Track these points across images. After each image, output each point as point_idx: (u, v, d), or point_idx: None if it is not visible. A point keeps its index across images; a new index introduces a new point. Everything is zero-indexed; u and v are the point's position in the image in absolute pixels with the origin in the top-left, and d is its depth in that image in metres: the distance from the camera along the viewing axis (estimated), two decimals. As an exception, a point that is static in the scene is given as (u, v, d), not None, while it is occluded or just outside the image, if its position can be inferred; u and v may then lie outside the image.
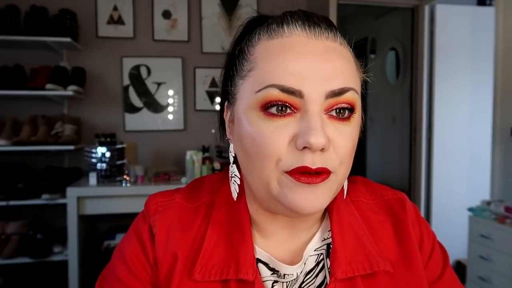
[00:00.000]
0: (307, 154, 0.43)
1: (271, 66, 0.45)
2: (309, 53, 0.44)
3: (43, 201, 2.42)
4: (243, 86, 0.48)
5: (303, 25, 0.46)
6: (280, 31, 0.46)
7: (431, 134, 3.11)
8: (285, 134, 0.44)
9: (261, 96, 0.44)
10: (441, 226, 3.06)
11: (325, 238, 0.54)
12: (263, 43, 0.47)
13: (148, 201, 0.57)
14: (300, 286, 0.51)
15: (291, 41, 0.45)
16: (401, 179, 3.54)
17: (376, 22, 4.07)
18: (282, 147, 0.44)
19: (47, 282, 2.53)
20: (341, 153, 0.45)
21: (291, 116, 0.44)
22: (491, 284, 2.00)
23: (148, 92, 2.97)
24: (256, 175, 0.46)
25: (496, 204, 2.12)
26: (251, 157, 0.46)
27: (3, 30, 2.46)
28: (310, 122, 0.42)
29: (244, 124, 0.46)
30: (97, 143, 2.50)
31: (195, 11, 3.01)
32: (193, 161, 2.56)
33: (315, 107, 0.44)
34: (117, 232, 2.62)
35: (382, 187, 0.60)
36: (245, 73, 0.47)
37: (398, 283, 0.51)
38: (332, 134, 0.44)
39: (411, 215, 0.57)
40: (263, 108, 0.44)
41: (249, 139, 0.45)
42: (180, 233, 0.53)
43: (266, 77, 0.45)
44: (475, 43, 3.10)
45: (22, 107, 2.71)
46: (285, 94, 0.43)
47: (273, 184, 0.45)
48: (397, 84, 3.71)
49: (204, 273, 0.49)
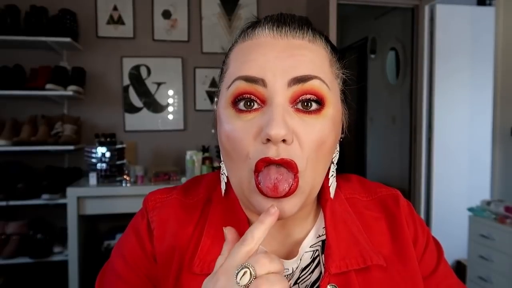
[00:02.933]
0: (271, 147, 0.43)
1: (238, 63, 0.48)
2: (273, 49, 0.47)
3: (43, 201, 2.42)
4: (221, 86, 0.51)
5: (272, 27, 0.49)
6: (251, 34, 0.49)
7: (431, 134, 3.11)
8: (252, 129, 0.45)
9: (231, 90, 0.47)
10: (441, 226, 3.06)
11: (320, 235, 0.55)
12: (237, 47, 0.51)
13: (146, 198, 0.58)
14: (296, 281, 0.52)
15: (259, 41, 0.48)
16: (401, 179, 3.54)
17: (376, 22, 4.06)
18: (249, 142, 0.45)
19: (47, 282, 2.52)
20: (307, 147, 0.45)
21: (258, 111, 0.46)
22: (491, 284, 2.00)
23: (148, 92, 2.97)
24: (233, 172, 0.49)
25: (496, 204, 2.12)
26: (227, 154, 0.48)
27: (3, 30, 2.46)
28: (272, 114, 0.43)
29: (222, 122, 0.49)
30: (97, 143, 2.50)
31: (195, 11, 3.01)
32: (193, 161, 2.56)
33: (279, 97, 0.45)
34: (117, 232, 2.62)
35: (377, 185, 0.62)
36: (223, 75, 0.51)
37: (392, 277, 0.52)
38: (296, 127, 0.45)
39: (404, 210, 0.58)
40: (233, 103, 0.47)
41: (225, 136, 0.48)
42: (178, 228, 0.54)
43: (234, 72, 0.48)
44: (475, 43, 3.10)
45: (22, 107, 2.71)
46: (249, 84, 0.45)
47: (245, 186, 0.47)
48: (397, 84, 3.71)
49: (202, 266, 0.50)
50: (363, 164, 4.43)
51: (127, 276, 0.54)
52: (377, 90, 4.12)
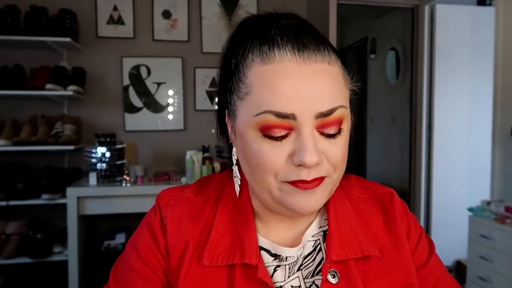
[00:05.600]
0: (303, 170, 0.49)
1: (265, 92, 0.49)
2: (299, 77, 0.48)
3: (43, 201, 2.42)
4: (242, 106, 0.52)
5: (293, 50, 0.49)
6: (271, 56, 0.49)
7: (431, 134, 3.11)
8: (283, 153, 0.49)
9: (259, 119, 0.49)
10: (441, 226, 3.06)
11: (321, 226, 0.61)
12: (256, 67, 0.50)
13: (159, 195, 0.62)
14: (299, 268, 0.57)
15: (282, 66, 0.49)
16: (401, 179, 3.54)
17: (376, 22, 4.07)
18: (280, 163, 0.49)
19: (47, 282, 2.53)
20: (335, 161, 0.51)
21: (288, 137, 0.49)
22: (491, 284, 2.00)
23: (148, 92, 2.97)
24: (258, 183, 0.53)
25: (496, 204, 2.12)
26: (253, 168, 0.52)
27: (3, 30, 2.46)
28: (304, 143, 0.48)
29: (246, 140, 0.51)
30: (97, 143, 2.50)
31: (195, 11, 3.01)
32: (193, 161, 2.56)
33: (307, 127, 0.48)
34: (117, 232, 2.62)
35: (373, 183, 0.67)
36: (243, 96, 0.51)
37: (387, 265, 0.58)
38: (324, 148, 0.50)
39: (398, 207, 0.64)
40: (262, 131, 0.50)
41: (250, 153, 0.51)
42: (190, 223, 0.58)
43: (262, 102, 0.49)
44: (475, 43, 3.10)
45: (22, 107, 2.71)
46: (280, 119, 0.48)
47: (274, 191, 0.51)
48: (397, 84, 3.71)
49: (212, 258, 0.55)
50: (363, 164, 4.43)
51: (141, 270, 0.57)
52: (377, 90, 4.12)
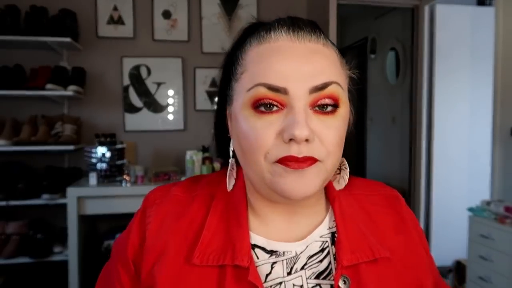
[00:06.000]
0: (293, 145, 0.47)
1: (259, 68, 0.50)
2: (293, 55, 0.50)
3: (43, 201, 2.42)
4: (237, 87, 0.53)
5: (288, 30, 0.51)
6: (267, 37, 0.52)
7: (431, 134, 3.11)
8: (273, 129, 0.49)
9: (252, 94, 0.50)
10: (441, 226, 3.06)
11: (330, 227, 0.59)
12: (253, 49, 0.52)
13: (147, 195, 0.62)
14: (303, 267, 0.55)
15: (277, 45, 0.51)
16: (401, 179, 3.54)
17: (376, 22, 4.07)
18: (270, 140, 0.49)
19: (47, 282, 2.52)
20: (328, 143, 0.50)
21: (278, 113, 0.49)
22: (491, 284, 2.00)
23: (148, 92, 2.97)
24: (252, 166, 0.52)
25: (496, 204, 2.12)
26: (245, 151, 0.51)
27: (3, 30, 2.46)
28: (295, 117, 0.47)
29: (240, 121, 0.52)
30: (97, 143, 2.50)
31: (195, 11, 3.01)
32: (193, 161, 2.56)
33: (300, 102, 0.48)
34: (117, 232, 2.62)
35: (377, 183, 0.67)
36: (238, 76, 0.53)
37: (397, 267, 0.56)
38: (317, 127, 0.49)
39: (404, 206, 0.64)
40: (254, 106, 0.50)
41: (243, 134, 0.51)
42: (174, 222, 0.57)
43: (255, 77, 0.50)
44: (475, 43, 3.10)
45: (22, 107, 2.71)
46: (271, 92, 0.49)
47: (266, 175, 0.50)
48: (397, 84, 3.71)
49: (202, 258, 0.53)
50: (363, 164, 4.43)
51: (113, 269, 0.59)
52: (377, 90, 4.12)
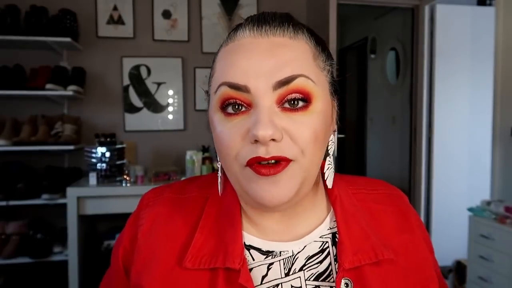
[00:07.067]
0: (260, 146, 0.45)
1: (222, 67, 0.49)
2: (254, 50, 0.47)
3: (43, 201, 2.42)
4: (210, 90, 0.52)
5: (252, 27, 0.49)
6: (234, 36, 0.50)
7: (431, 134, 3.11)
8: (239, 131, 0.46)
9: (218, 95, 0.49)
10: (441, 226, 3.06)
11: (330, 227, 0.56)
12: (221, 49, 0.51)
13: (141, 198, 0.61)
14: (301, 268, 0.53)
15: (241, 43, 0.49)
16: (401, 179, 3.54)
17: (376, 22, 4.07)
18: (237, 141, 0.47)
19: (47, 282, 2.52)
20: (301, 141, 0.46)
21: (245, 114, 0.47)
22: (491, 284, 2.00)
23: (148, 92, 2.97)
24: (228, 171, 0.50)
25: (496, 204, 2.12)
26: (221, 156, 0.50)
27: (3, 30, 2.46)
28: (258, 116, 0.45)
29: (214, 125, 0.50)
30: (97, 143, 2.50)
31: (195, 11, 3.01)
32: (193, 161, 2.56)
33: (263, 100, 0.46)
34: (117, 232, 2.62)
35: (380, 182, 0.65)
36: (210, 79, 0.53)
37: (401, 267, 0.54)
38: (287, 125, 0.46)
39: (408, 204, 0.62)
40: (222, 108, 0.48)
41: (217, 138, 0.49)
42: (166, 224, 0.56)
43: (219, 77, 0.49)
44: (475, 43, 3.10)
45: (22, 107, 2.71)
46: (233, 91, 0.47)
47: (240, 179, 0.48)
48: (397, 84, 3.71)
49: (194, 261, 0.51)
50: (363, 164, 4.43)
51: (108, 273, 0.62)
52: (377, 90, 4.12)
